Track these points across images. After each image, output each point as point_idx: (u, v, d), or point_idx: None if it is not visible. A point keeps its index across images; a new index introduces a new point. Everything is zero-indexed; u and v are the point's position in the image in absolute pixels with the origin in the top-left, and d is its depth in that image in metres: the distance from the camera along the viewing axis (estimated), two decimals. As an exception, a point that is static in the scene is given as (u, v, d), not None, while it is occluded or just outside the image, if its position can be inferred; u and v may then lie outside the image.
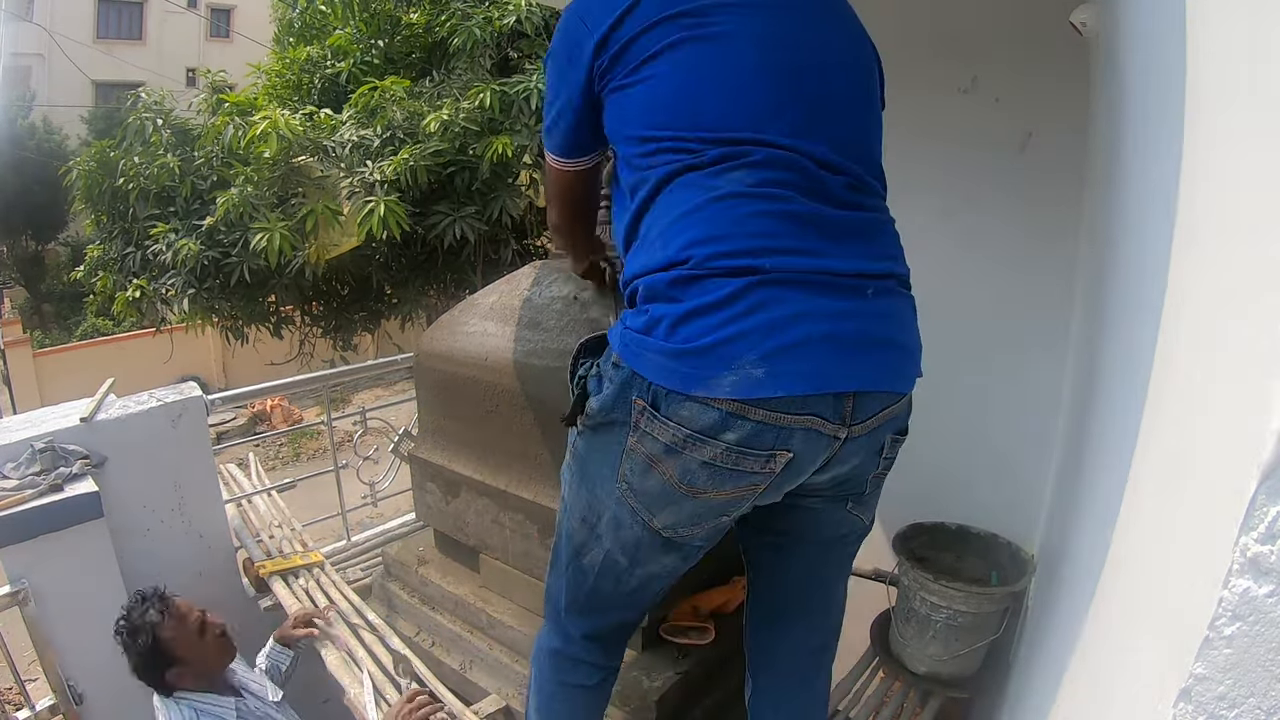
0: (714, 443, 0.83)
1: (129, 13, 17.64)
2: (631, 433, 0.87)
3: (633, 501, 0.91)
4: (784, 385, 0.80)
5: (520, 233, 5.82)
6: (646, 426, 0.85)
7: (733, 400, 0.80)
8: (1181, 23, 0.67)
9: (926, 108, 2.05)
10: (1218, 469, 0.49)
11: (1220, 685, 0.43)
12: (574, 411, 0.95)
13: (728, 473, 0.85)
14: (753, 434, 0.82)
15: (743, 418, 0.81)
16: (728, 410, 0.81)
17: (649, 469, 0.87)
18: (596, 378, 0.93)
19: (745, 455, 0.83)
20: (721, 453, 0.83)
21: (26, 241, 14.54)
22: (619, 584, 1.02)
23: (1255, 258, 0.48)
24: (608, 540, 0.97)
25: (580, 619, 1.09)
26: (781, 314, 0.80)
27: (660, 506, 0.90)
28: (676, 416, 0.83)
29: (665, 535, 0.93)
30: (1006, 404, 2.03)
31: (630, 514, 0.93)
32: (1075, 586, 1.03)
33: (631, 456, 0.88)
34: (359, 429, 2.82)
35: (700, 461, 0.84)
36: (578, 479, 0.99)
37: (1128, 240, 1.00)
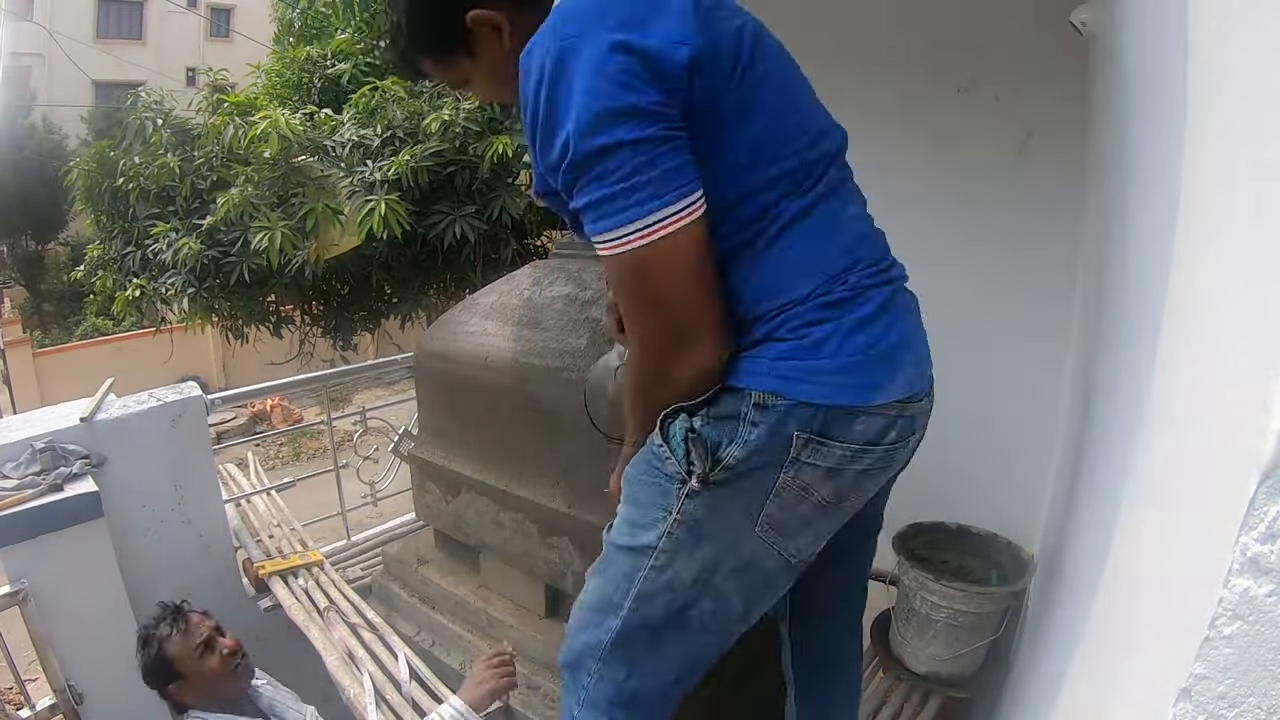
0: (876, 449, 0.85)
1: (129, 12, 17.65)
2: (786, 470, 0.83)
3: (771, 538, 0.87)
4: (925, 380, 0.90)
5: (520, 233, 5.81)
6: (808, 458, 0.82)
7: (898, 401, 0.85)
8: (1182, 22, 0.67)
9: (926, 108, 2.05)
10: (1218, 469, 0.49)
11: (1220, 685, 0.43)
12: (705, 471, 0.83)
13: (879, 472, 0.88)
14: (904, 428, 0.87)
15: (901, 415, 0.86)
16: (895, 413, 0.85)
17: (801, 500, 0.85)
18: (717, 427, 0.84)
19: (896, 450, 0.88)
20: (880, 456, 0.86)
21: (26, 241, 14.54)
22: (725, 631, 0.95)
23: (1255, 257, 0.48)
24: (726, 588, 0.89)
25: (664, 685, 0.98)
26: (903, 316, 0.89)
27: (801, 533, 0.87)
28: (849, 435, 0.83)
29: (794, 561, 0.90)
30: (1006, 404, 2.03)
31: (766, 551, 0.88)
32: (1075, 586, 1.03)
33: (783, 494, 0.84)
34: (359, 429, 2.82)
35: (857, 471, 0.85)
36: (691, 542, 0.87)
37: (1128, 239, 1.00)
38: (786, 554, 0.89)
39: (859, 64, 2.11)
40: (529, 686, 1.60)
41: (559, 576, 1.60)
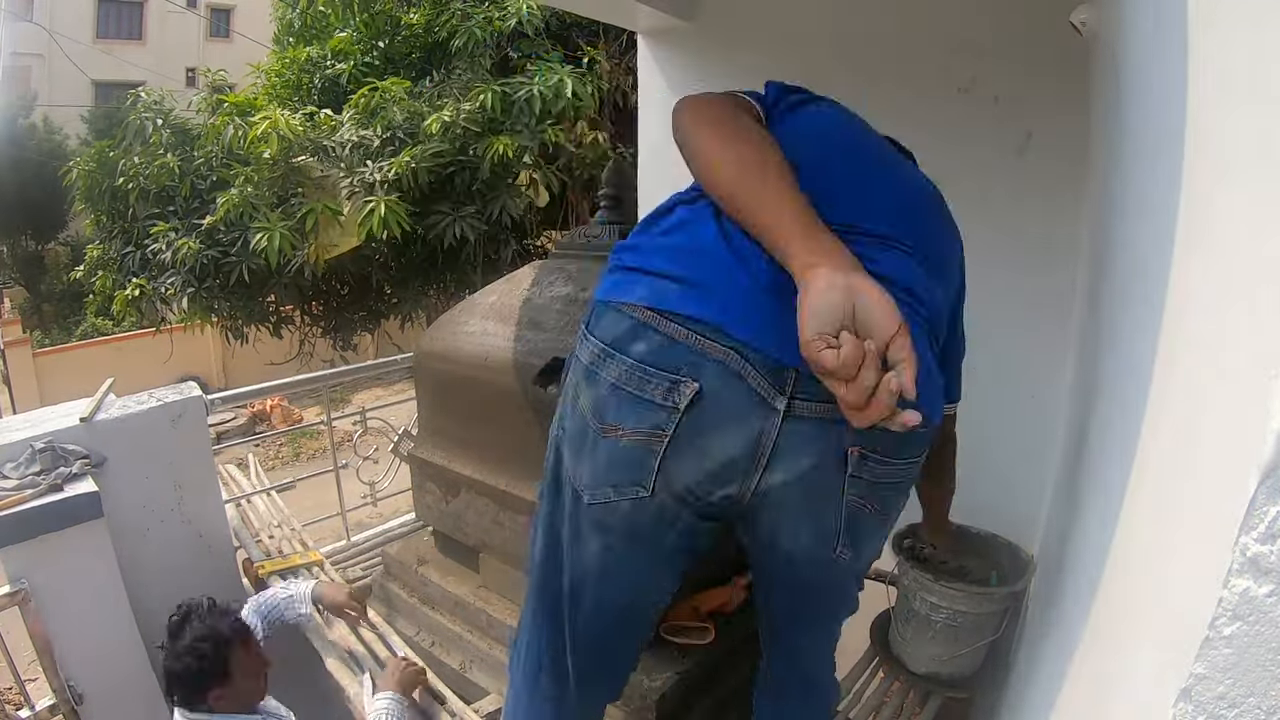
0: (622, 357, 0.80)
1: (129, 12, 17.65)
2: (571, 369, 0.89)
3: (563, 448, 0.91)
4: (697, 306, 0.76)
5: (520, 233, 5.82)
6: (579, 352, 0.87)
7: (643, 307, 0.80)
8: (1182, 21, 0.67)
9: (926, 107, 2.05)
10: (1218, 469, 0.49)
11: (1220, 685, 0.43)
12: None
13: (632, 398, 0.80)
14: (659, 350, 0.78)
15: (654, 329, 0.79)
16: (640, 319, 0.80)
17: (574, 405, 0.88)
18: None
19: (648, 376, 0.78)
20: (628, 370, 0.80)
21: (26, 241, 14.53)
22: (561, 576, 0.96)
23: (1256, 256, 0.48)
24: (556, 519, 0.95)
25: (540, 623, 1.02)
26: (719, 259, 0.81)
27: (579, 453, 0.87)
28: (597, 330, 0.84)
29: (586, 500, 0.87)
30: (1006, 404, 2.03)
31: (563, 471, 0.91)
32: (1075, 586, 1.03)
33: (565, 394, 0.91)
34: (359, 429, 2.82)
35: (610, 384, 0.82)
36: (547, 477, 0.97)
37: (1128, 239, 1.00)
38: (577, 483, 0.89)
39: (859, 64, 2.11)
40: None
41: (559, 577, 1.60)
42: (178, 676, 1.43)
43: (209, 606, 1.50)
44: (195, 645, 1.42)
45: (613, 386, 0.81)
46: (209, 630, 1.44)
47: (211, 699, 1.43)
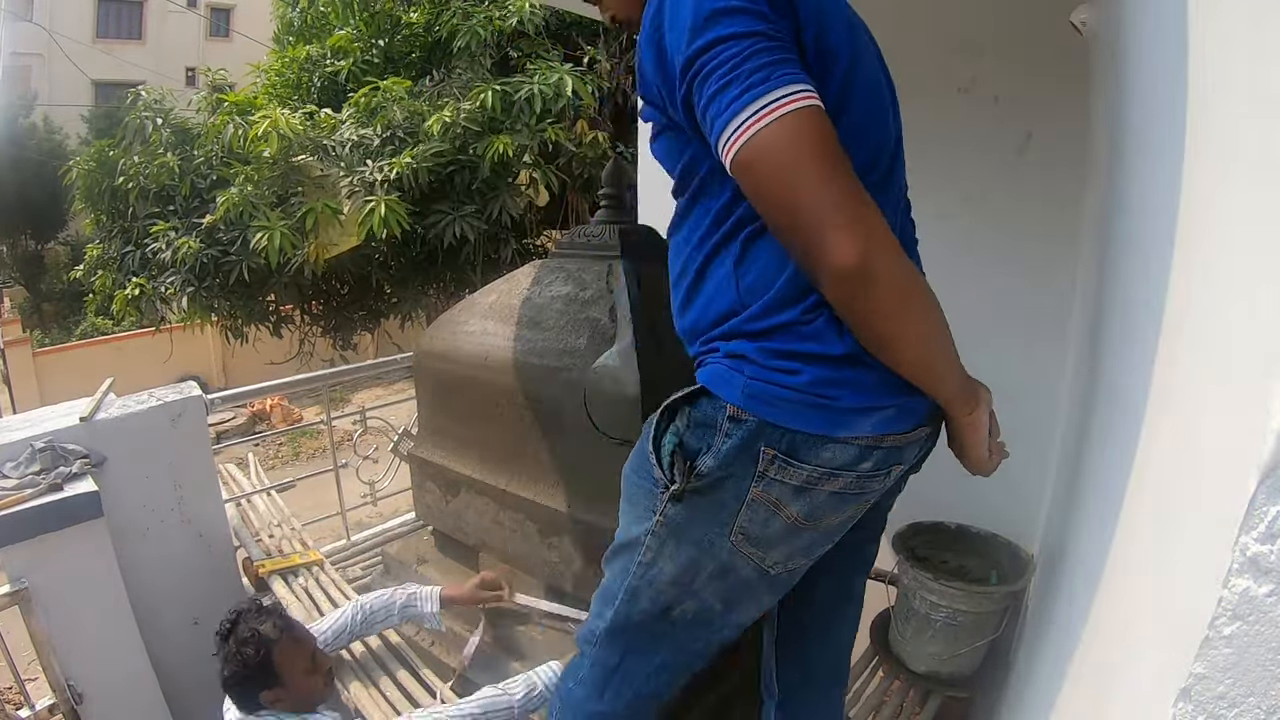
0: (847, 474, 0.84)
1: (129, 12, 17.65)
2: (755, 483, 0.84)
3: (746, 549, 0.88)
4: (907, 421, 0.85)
5: (520, 232, 5.82)
6: (776, 474, 0.83)
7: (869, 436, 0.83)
8: (1182, 21, 0.67)
9: (926, 108, 2.05)
10: (1218, 469, 0.49)
11: (1220, 685, 0.43)
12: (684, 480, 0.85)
13: (853, 497, 0.87)
14: (882, 459, 0.85)
15: (877, 447, 0.84)
16: (868, 444, 0.83)
17: (773, 514, 0.85)
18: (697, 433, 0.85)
19: (872, 478, 0.86)
20: (852, 481, 0.85)
21: (26, 241, 14.54)
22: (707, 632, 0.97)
23: (1256, 256, 0.48)
24: (706, 592, 0.92)
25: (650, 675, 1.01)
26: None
27: (776, 545, 0.88)
28: (816, 458, 0.82)
29: (774, 572, 0.91)
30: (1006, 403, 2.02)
31: (742, 560, 0.89)
32: (1075, 586, 1.03)
33: (754, 507, 0.85)
34: (359, 428, 2.82)
35: (829, 493, 0.85)
36: (671, 544, 0.91)
37: (1128, 239, 1.00)
38: (763, 564, 0.90)
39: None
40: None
41: (559, 576, 1.60)
42: (228, 681, 1.41)
43: (255, 609, 1.49)
44: (240, 651, 1.40)
45: (833, 494, 0.85)
46: (251, 633, 1.42)
47: (265, 701, 1.41)
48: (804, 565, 0.94)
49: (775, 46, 0.74)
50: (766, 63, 0.72)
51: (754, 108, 0.72)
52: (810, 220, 0.72)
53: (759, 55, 0.72)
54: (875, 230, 0.73)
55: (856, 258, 0.71)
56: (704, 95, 0.75)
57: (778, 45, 0.74)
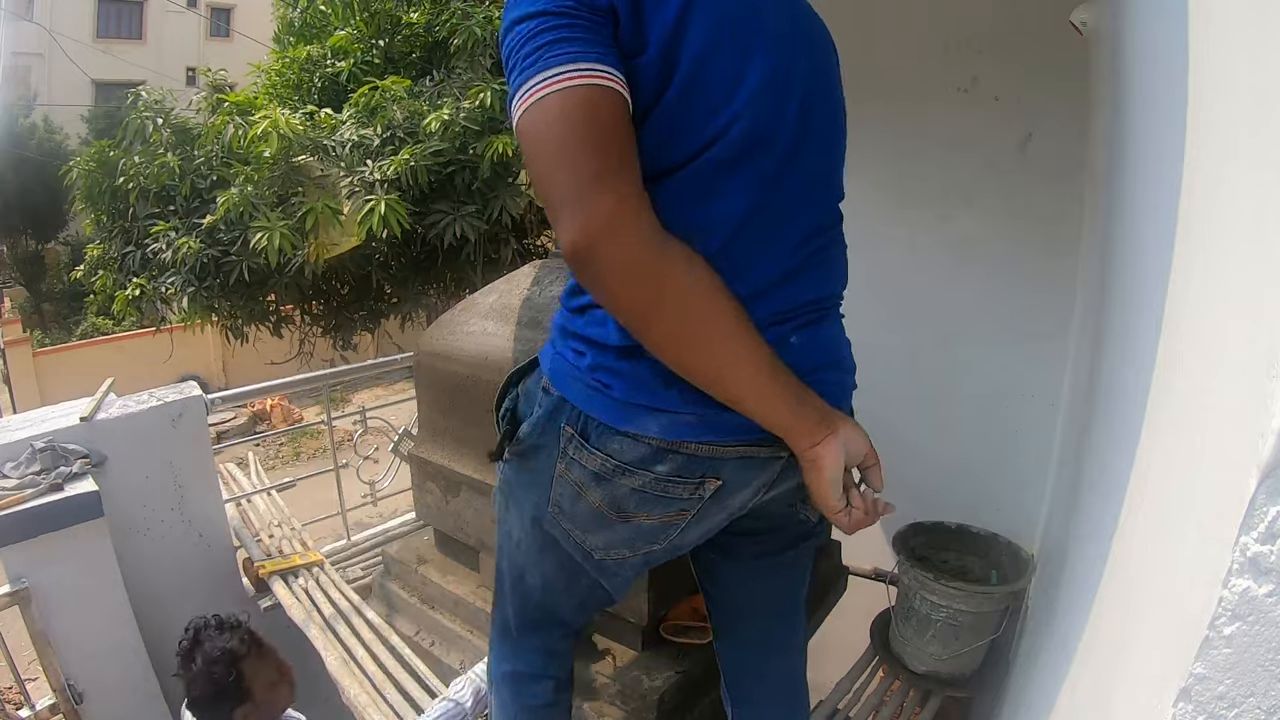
0: (642, 473, 0.81)
1: (129, 12, 17.65)
2: (560, 459, 0.85)
3: (565, 524, 0.90)
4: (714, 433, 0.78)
5: (520, 232, 5.81)
6: (574, 454, 0.83)
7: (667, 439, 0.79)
8: (1182, 21, 0.67)
9: (926, 108, 2.05)
10: (1218, 469, 0.49)
11: (1220, 685, 0.43)
12: (500, 444, 0.90)
13: (656, 498, 0.83)
14: (688, 467, 0.80)
15: (676, 451, 0.79)
16: (663, 446, 0.79)
17: (578, 495, 0.86)
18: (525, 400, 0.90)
19: (674, 484, 0.81)
20: (650, 482, 0.81)
21: (26, 241, 14.54)
22: (561, 599, 1.02)
23: (1256, 256, 0.48)
24: (546, 562, 0.96)
25: (534, 634, 1.08)
26: None
27: (591, 530, 0.89)
28: (607, 447, 0.80)
29: (598, 558, 0.91)
30: (1007, 404, 2.03)
31: (563, 535, 0.91)
32: (1075, 586, 1.03)
33: (561, 483, 0.86)
34: (359, 428, 2.82)
35: (629, 489, 0.83)
36: (509, 503, 0.97)
37: (1129, 240, 1.00)
38: (584, 546, 0.90)
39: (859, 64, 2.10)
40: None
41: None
42: (197, 702, 1.38)
43: (216, 624, 1.44)
44: (210, 671, 1.37)
45: (633, 490, 0.82)
46: (220, 652, 1.38)
47: (238, 717, 1.39)
48: (630, 558, 0.91)
49: (561, 25, 0.72)
50: (544, 43, 0.71)
51: (523, 90, 0.71)
52: (548, 200, 0.72)
53: (540, 35, 0.71)
54: (600, 215, 0.68)
55: (574, 240, 0.69)
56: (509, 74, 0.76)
57: (566, 24, 0.72)
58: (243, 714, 1.39)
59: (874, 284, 1.71)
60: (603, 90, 0.71)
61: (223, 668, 1.37)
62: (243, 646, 1.41)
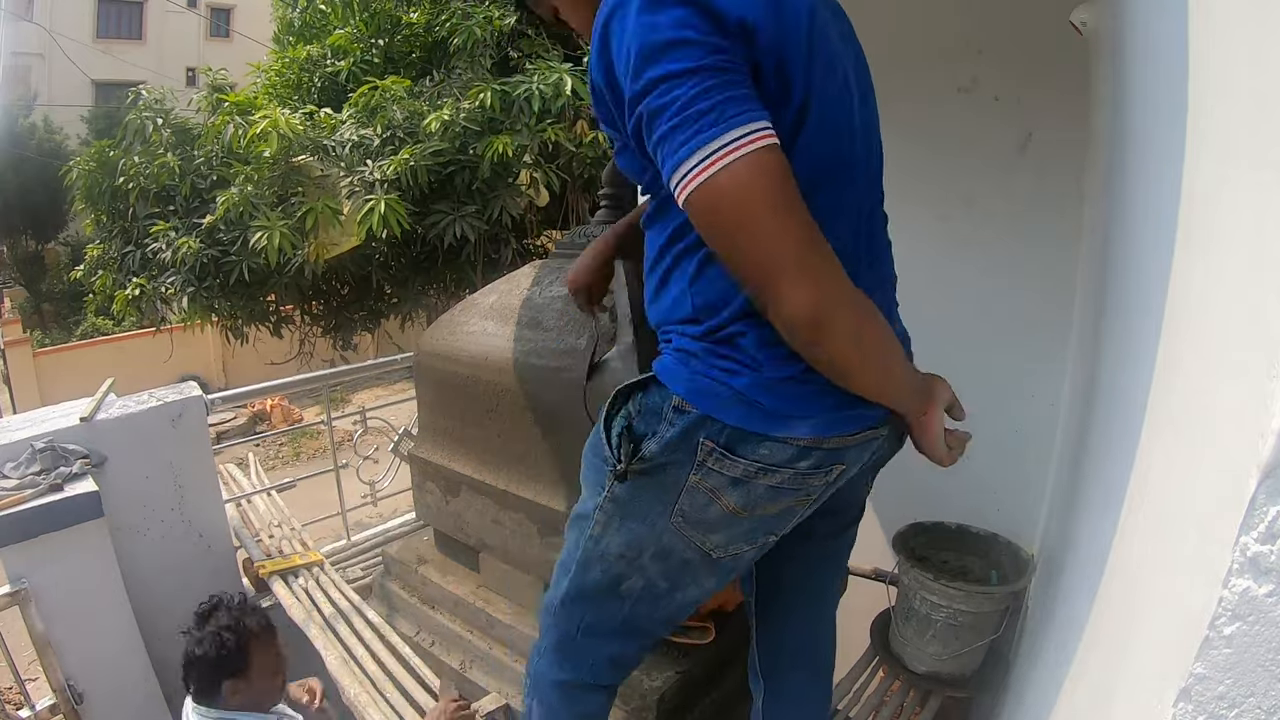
0: (784, 470, 0.86)
1: (129, 12, 17.65)
2: (695, 471, 0.87)
3: (687, 531, 0.92)
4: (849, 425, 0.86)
5: (520, 232, 5.82)
6: (714, 465, 0.86)
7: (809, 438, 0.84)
8: (1182, 21, 0.67)
9: (926, 108, 2.05)
10: (1218, 469, 0.49)
11: (1220, 685, 0.43)
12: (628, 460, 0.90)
13: (791, 491, 0.88)
14: (822, 459, 0.86)
15: (816, 448, 0.85)
16: (806, 445, 0.85)
17: (711, 502, 0.89)
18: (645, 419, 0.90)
19: (811, 475, 0.87)
20: (790, 477, 0.87)
21: (26, 241, 14.54)
22: (656, 608, 1.02)
23: (1256, 257, 0.48)
24: (651, 570, 0.97)
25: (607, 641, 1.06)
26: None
27: (716, 531, 0.92)
28: (754, 454, 0.84)
29: (715, 555, 0.94)
30: (1007, 404, 2.03)
31: (683, 542, 0.93)
32: (1075, 586, 1.03)
33: (693, 493, 0.89)
34: (359, 429, 2.82)
35: (766, 486, 0.87)
36: (617, 519, 0.96)
37: (1129, 240, 1.00)
38: (704, 547, 0.93)
39: (859, 64, 2.10)
40: (529, 686, 1.60)
41: (559, 576, 1.60)
42: (196, 661, 1.42)
43: (240, 601, 1.50)
44: (219, 633, 1.41)
45: (770, 487, 0.87)
46: (234, 621, 1.44)
47: (226, 690, 1.42)
48: (747, 551, 0.95)
49: (727, 82, 0.71)
50: (718, 102, 0.70)
51: (704, 153, 0.71)
52: (762, 272, 0.74)
53: (710, 94, 0.70)
54: (827, 282, 0.73)
55: (808, 311, 0.73)
56: (654, 134, 0.74)
57: (730, 80, 0.71)
58: (232, 688, 1.42)
59: (874, 284, 1.71)
60: (779, 151, 0.72)
61: (232, 635, 1.41)
62: (256, 626, 1.46)
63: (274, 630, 1.52)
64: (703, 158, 0.71)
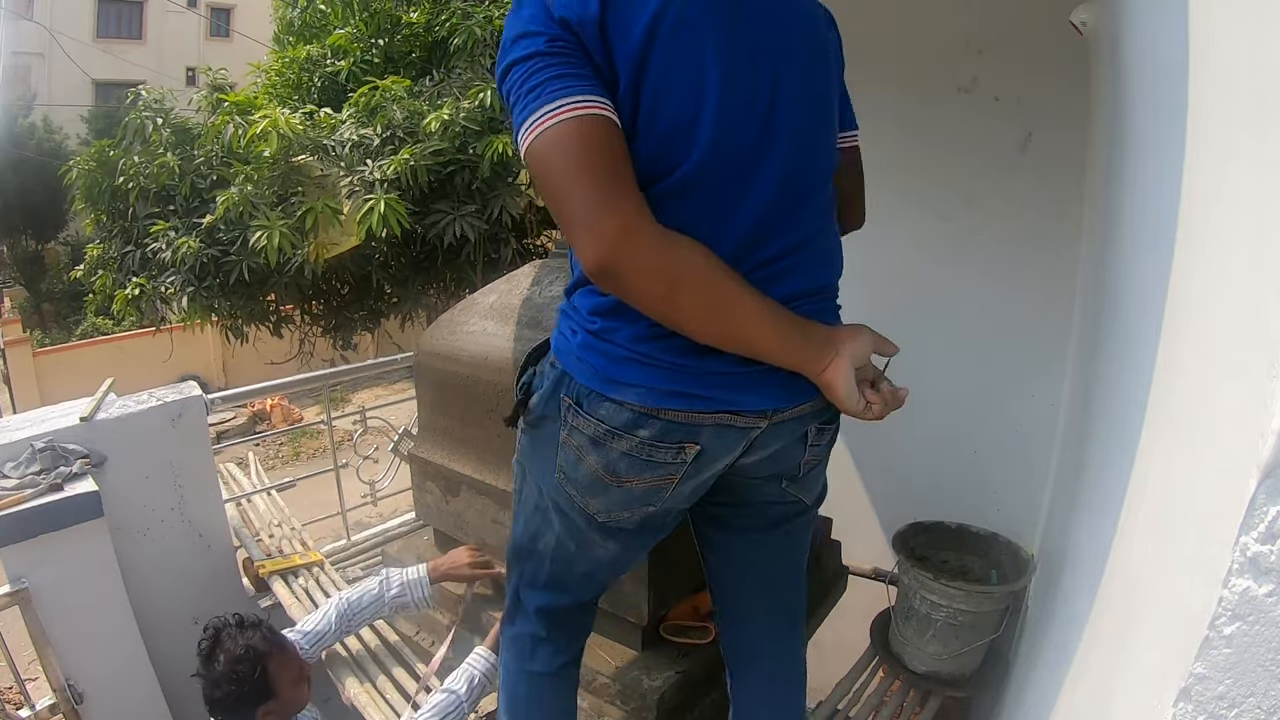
0: (629, 437, 0.90)
1: (129, 11, 17.65)
2: (563, 428, 0.94)
3: (569, 489, 0.98)
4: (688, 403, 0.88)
5: (520, 232, 5.81)
6: (573, 420, 0.93)
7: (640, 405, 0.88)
8: (1182, 21, 0.67)
9: (926, 108, 2.05)
10: (1218, 469, 0.49)
11: (1220, 685, 0.43)
12: (515, 411, 1.02)
13: (644, 463, 0.92)
14: (668, 431, 0.89)
15: (654, 418, 0.88)
16: (645, 412, 0.88)
17: (579, 460, 0.95)
18: (539, 376, 1.00)
19: (657, 448, 0.90)
20: (635, 445, 0.90)
21: (26, 241, 14.54)
22: (570, 567, 1.09)
23: (1256, 257, 0.48)
24: (557, 525, 1.04)
25: (537, 593, 1.14)
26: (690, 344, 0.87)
27: (592, 494, 0.97)
28: (598, 413, 0.90)
29: (600, 520, 1.00)
30: (1007, 404, 2.03)
31: (568, 501, 1.00)
32: (1075, 586, 1.03)
33: (565, 449, 0.96)
34: (359, 428, 2.82)
35: (620, 453, 0.91)
36: (524, 472, 1.08)
37: (1129, 240, 1.00)
38: (586, 509, 0.99)
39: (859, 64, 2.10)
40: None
41: (559, 576, 1.60)
42: (220, 704, 1.36)
43: (237, 623, 1.43)
44: (234, 670, 1.35)
45: (623, 454, 0.91)
46: (244, 650, 1.37)
47: (259, 715, 1.38)
48: (628, 519, 0.99)
49: (556, 64, 0.82)
50: (543, 80, 0.81)
51: (529, 123, 0.81)
52: (564, 224, 0.82)
53: (538, 73, 0.81)
54: (610, 231, 0.79)
55: (595, 258, 0.80)
56: (510, 112, 0.86)
57: (560, 63, 0.82)
58: (266, 711, 1.38)
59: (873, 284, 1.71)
60: (595, 119, 0.81)
61: (248, 665, 1.36)
62: (265, 644, 1.40)
63: (281, 638, 1.47)
64: (528, 127, 0.82)
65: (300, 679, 1.47)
